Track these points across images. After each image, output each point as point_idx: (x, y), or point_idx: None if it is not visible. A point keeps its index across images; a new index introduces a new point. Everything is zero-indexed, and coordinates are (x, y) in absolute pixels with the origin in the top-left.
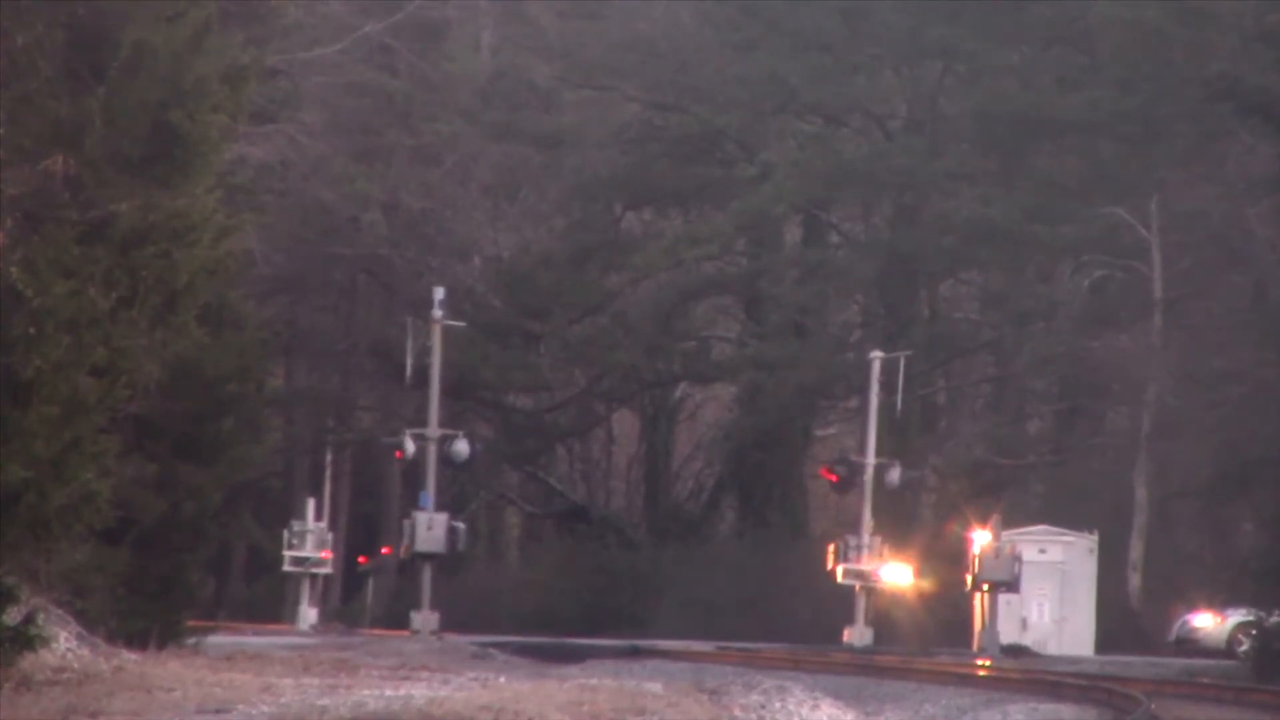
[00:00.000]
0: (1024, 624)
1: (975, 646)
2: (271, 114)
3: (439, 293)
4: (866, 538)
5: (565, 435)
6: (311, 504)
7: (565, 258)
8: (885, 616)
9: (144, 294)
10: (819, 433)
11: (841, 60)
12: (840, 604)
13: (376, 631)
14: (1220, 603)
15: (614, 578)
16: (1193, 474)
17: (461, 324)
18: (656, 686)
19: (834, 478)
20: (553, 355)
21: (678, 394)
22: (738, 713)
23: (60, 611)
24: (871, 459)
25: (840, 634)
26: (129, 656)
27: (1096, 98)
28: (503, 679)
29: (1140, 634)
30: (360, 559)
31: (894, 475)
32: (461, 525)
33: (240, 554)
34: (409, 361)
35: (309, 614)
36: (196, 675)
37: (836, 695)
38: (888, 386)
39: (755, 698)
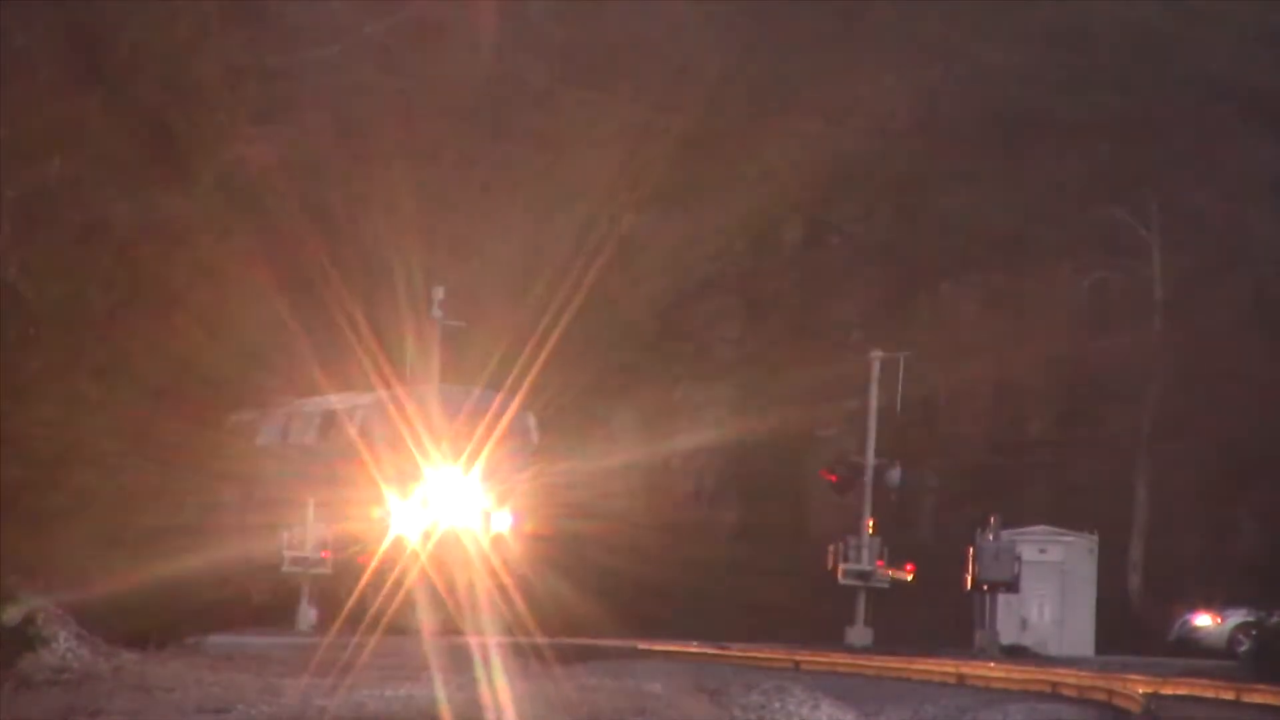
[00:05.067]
0: (1024, 624)
1: (975, 647)
2: (271, 114)
3: (439, 293)
4: (866, 538)
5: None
6: (311, 504)
7: (565, 258)
8: (885, 616)
9: (143, 295)
10: (819, 433)
11: (841, 60)
12: (840, 604)
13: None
14: (1220, 603)
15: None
16: (1193, 474)
17: (461, 324)
18: (656, 686)
19: (834, 478)
20: (553, 356)
21: (678, 394)
22: (737, 713)
23: (60, 611)
24: (871, 459)
25: (840, 634)
26: (129, 656)
27: (1096, 98)
28: (503, 679)
29: (1140, 634)
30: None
31: (894, 475)
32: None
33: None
34: (409, 362)
35: (309, 614)
36: (196, 675)
37: (836, 695)
38: (888, 386)
39: (755, 698)
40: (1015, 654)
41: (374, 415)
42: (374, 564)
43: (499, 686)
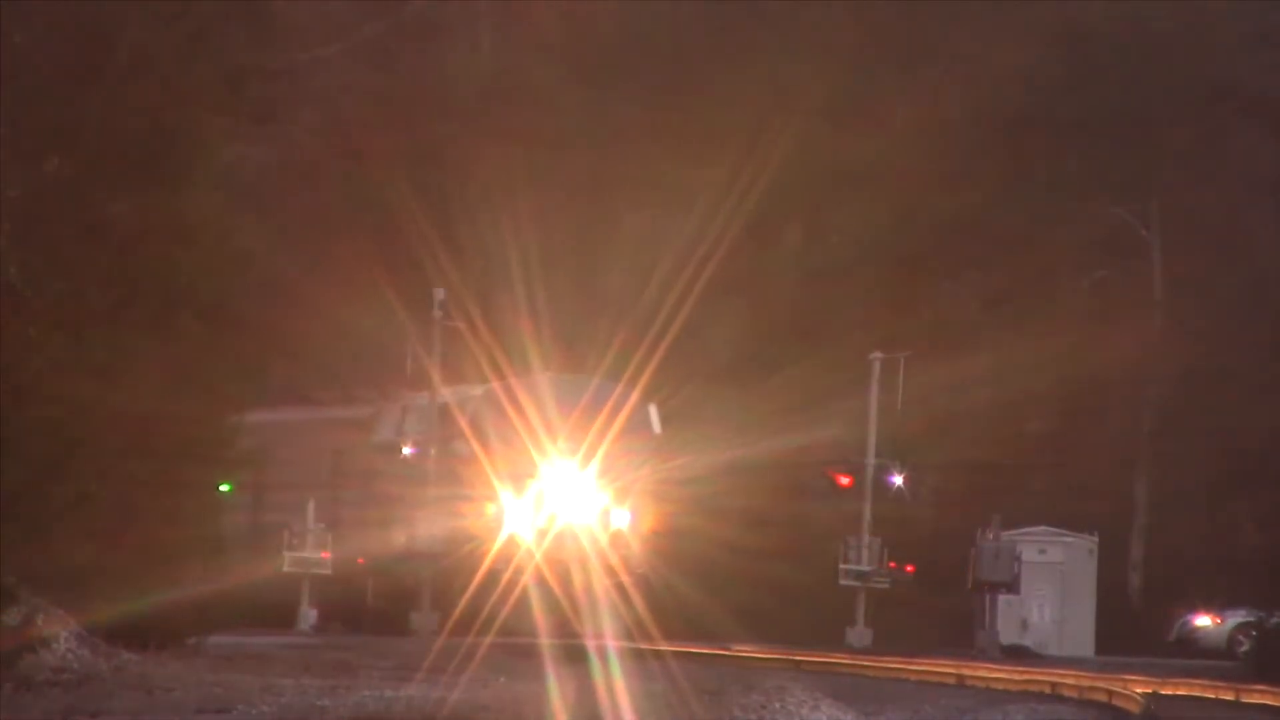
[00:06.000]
0: (1024, 624)
1: (975, 647)
2: (271, 114)
3: (439, 293)
4: (866, 538)
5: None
6: (311, 504)
7: (565, 258)
8: (886, 617)
9: (143, 295)
10: (819, 433)
11: (841, 60)
12: (840, 604)
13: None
14: (1220, 603)
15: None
16: (1193, 474)
17: (461, 324)
18: (657, 686)
19: (837, 478)
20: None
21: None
22: (738, 713)
23: (60, 611)
24: (872, 459)
25: (840, 635)
26: (129, 656)
27: (1096, 98)
28: (503, 679)
29: (1140, 634)
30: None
31: (894, 475)
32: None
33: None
34: (409, 361)
35: (309, 614)
36: (196, 675)
37: (836, 696)
38: (888, 386)
39: (755, 698)
40: (1015, 654)
41: (486, 408)
42: (487, 563)
43: (503, 686)
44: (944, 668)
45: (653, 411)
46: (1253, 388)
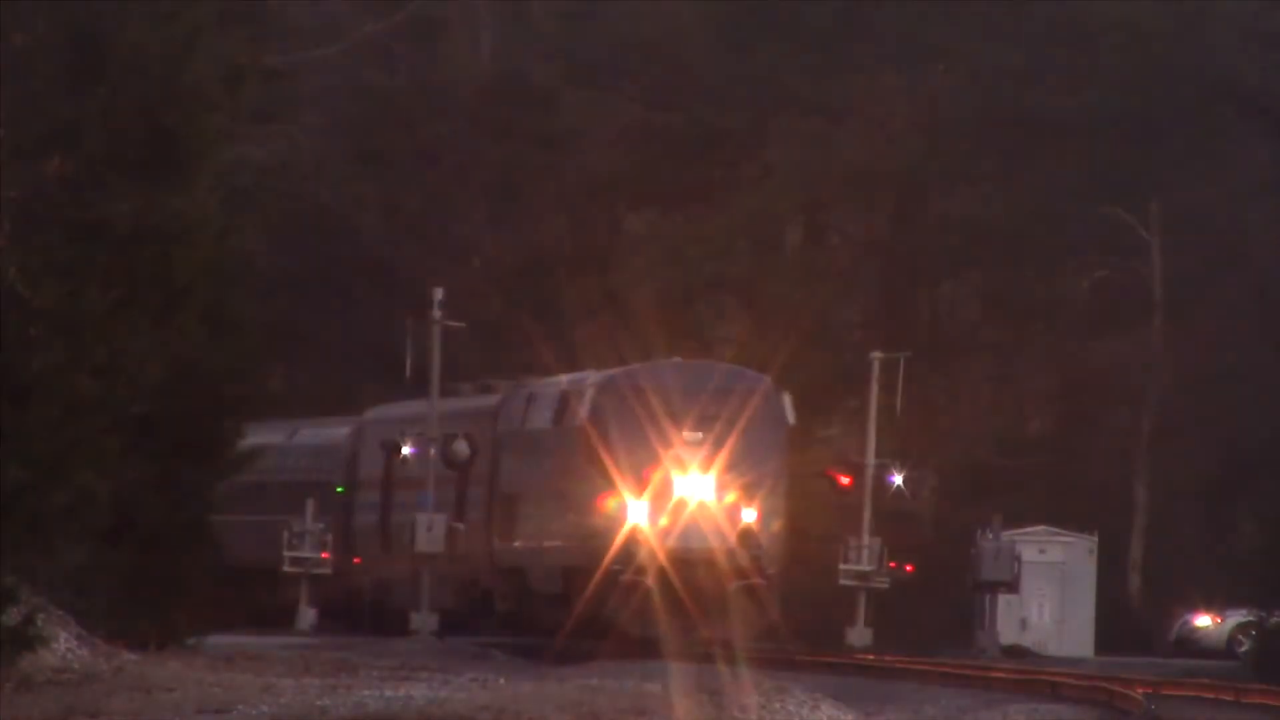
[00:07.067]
0: (1024, 624)
1: (975, 647)
2: (271, 114)
3: (439, 293)
4: (867, 538)
5: None
6: (311, 504)
7: (566, 258)
8: (886, 617)
9: (143, 295)
10: (819, 433)
11: (841, 60)
12: (840, 604)
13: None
14: (1220, 603)
15: None
16: (1193, 474)
17: (461, 324)
18: (656, 687)
19: (840, 479)
20: (553, 356)
21: None
22: (738, 713)
23: (60, 611)
24: (872, 459)
25: (841, 635)
26: (129, 656)
27: (1096, 98)
28: (503, 679)
29: (1140, 634)
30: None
31: (894, 475)
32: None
33: None
34: (409, 362)
35: (308, 614)
36: (196, 675)
37: (836, 696)
38: (888, 386)
39: (755, 698)
40: (1015, 654)
41: (606, 396)
42: (607, 560)
43: (503, 686)
44: (944, 667)
45: (786, 401)
46: (1253, 388)
